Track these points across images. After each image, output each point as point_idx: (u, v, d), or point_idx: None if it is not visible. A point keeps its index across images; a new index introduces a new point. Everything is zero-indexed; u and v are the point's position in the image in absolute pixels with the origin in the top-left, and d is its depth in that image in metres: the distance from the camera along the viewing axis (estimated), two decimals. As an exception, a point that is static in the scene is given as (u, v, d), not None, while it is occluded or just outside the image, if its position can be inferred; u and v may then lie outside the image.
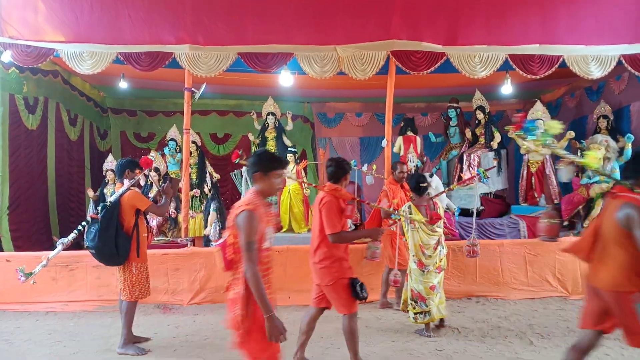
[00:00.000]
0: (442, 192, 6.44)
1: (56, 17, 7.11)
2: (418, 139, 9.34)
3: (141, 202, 4.74)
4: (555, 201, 8.49)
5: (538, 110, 8.66)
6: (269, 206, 3.00)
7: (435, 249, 5.04)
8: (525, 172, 8.98)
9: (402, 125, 9.56)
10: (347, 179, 4.13)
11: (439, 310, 5.04)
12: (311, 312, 4.20)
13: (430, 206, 5.19)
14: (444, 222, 5.66)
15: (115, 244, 4.57)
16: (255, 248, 2.73)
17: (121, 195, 4.68)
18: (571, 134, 8.04)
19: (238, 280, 2.81)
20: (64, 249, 4.80)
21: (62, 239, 5.00)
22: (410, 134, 9.35)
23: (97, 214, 4.64)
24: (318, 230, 3.94)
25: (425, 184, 5.23)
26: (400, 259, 5.24)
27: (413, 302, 5.05)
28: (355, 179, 7.98)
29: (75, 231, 4.64)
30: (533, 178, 8.84)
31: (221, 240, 2.90)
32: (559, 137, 7.23)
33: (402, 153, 9.22)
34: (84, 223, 4.67)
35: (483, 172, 5.69)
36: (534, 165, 8.81)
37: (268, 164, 2.95)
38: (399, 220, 5.07)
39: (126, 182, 4.81)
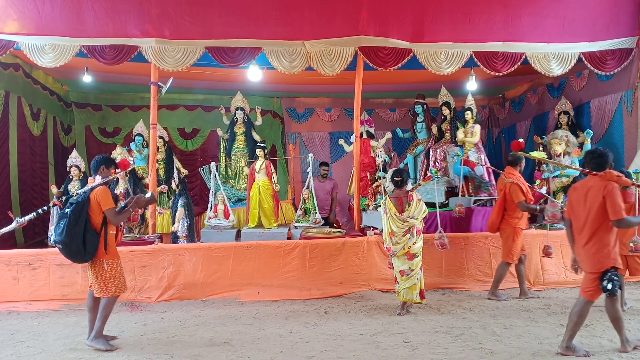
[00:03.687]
0: (417, 186, 6.60)
1: (16, 8, 6.89)
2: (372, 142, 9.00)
3: (104, 201, 4.61)
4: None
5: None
6: None
7: (404, 235, 5.50)
8: None
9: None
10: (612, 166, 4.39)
11: (405, 293, 5.58)
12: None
13: (404, 199, 5.60)
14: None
15: (83, 240, 4.50)
16: None
17: (91, 190, 4.61)
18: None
19: None
20: (22, 234, 4.73)
21: (17, 218, 4.78)
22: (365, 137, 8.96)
23: (61, 201, 4.58)
24: (593, 218, 4.12)
25: (399, 178, 5.68)
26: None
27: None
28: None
29: (34, 213, 4.58)
30: None
31: None
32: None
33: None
34: (45, 207, 4.68)
35: (435, 172, 6.33)
36: None
37: None
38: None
39: (98, 179, 4.73)
